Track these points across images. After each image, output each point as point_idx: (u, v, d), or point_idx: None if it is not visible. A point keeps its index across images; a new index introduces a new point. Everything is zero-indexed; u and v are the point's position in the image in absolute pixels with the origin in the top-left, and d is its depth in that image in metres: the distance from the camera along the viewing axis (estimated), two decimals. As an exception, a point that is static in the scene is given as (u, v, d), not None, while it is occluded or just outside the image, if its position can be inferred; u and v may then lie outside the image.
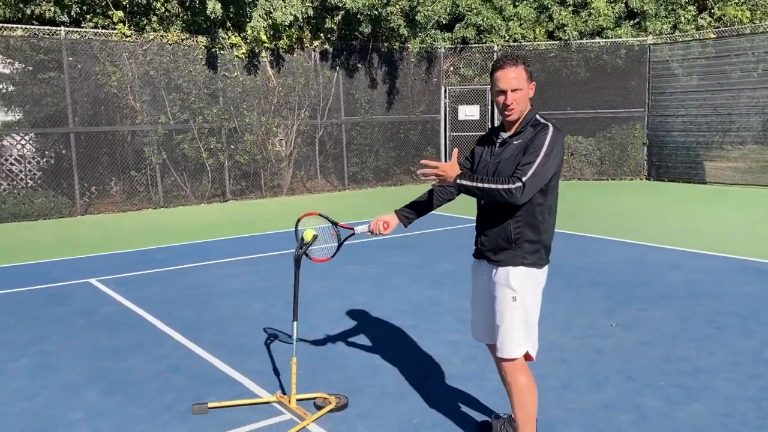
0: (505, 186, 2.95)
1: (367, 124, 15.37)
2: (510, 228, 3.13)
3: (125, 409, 3.99)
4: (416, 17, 14.08)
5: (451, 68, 16.59)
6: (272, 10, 12.92)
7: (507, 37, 16.14)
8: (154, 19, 12.50)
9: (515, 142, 3.11)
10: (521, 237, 3.12)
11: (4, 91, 12.00)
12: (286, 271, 7.44)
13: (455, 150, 3.18)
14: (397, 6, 13.94)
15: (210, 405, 3.96)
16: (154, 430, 3.73)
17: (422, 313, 5.84)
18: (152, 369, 4.62)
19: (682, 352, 4.76)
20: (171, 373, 4.56)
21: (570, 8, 16.08)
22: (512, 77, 3.05)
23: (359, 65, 14.97)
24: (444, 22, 16.02)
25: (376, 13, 13.74)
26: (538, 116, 3.14)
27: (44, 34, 11.63)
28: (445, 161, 16.47)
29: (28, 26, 11.63)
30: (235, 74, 13.31)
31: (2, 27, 11.45)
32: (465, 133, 16.53)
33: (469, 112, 16.57)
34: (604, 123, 16.10)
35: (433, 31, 15.91)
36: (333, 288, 6.68)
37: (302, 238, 3.84)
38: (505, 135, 3.20)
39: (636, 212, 11.20)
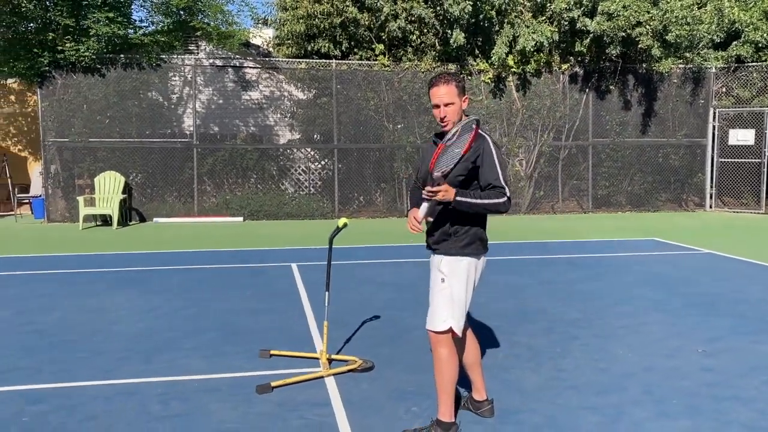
0: (498, 200, 3.48)
1: (618, 147, 15.10)
2: (448, 223, 3.64)
3: (220, 347, 5.27)
4: (667, 37, 13.50)
5: (723, 89, 15.38)
6: (516, 37, 13.64)
7: (793, 54, 14.48)
8: (410, 50, 14.13)
9: (448, 144, 3.57)
10: (456, 231, 3.61)
11: (297, 113, 14.69)
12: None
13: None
14: (648, 26, 13.55)
15: (272, 352, 5.04)
16: (225, 361, 4.93)
17: (516, 319, 6.18)
18: (265, 326, 5.87)
19: (741, 381, 4.47)
20: (274, 331, 5.75)
21: None
22: (443, 93, 3.56)
23: (611, 87, 14.83)
24: (718, 41, 14.99)
25: (624, 35, 13.56)
26: (474, 124, 3.52)
27: (320, 66, 14.01)
28: (711, 186, 15.35)
29: (309, 60, 14.14)
30: (480, 97, 14.30)
31: (292, 61, 14.15)
32: (736, 160, 15.18)
33: (742, 136, 15.16)
34: None
35: (704, 50, 15.00)
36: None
37: (337, 225, 4.71)
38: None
39: None
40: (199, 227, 12.96)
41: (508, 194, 3.50)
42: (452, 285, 3.61)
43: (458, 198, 3.45)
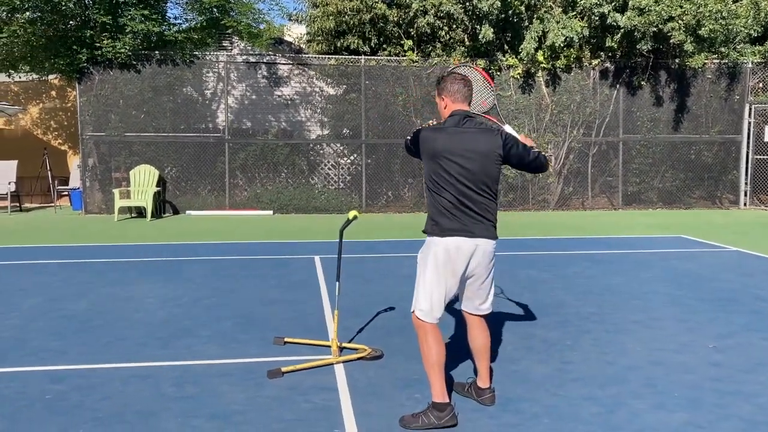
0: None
1: (649, 143, 14.95)
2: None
3: (236, 335, 5.45)
4: (701, 32, 13.31)
5: (760, 84, 15.09)
6: (546, 32, 13.59)
7: (832, 48, 14.14)
8: (438, 45, 14.19)
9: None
10: (428, 209, 3.86)
11: (326, 109, 14.87)
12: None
13: None
14: (681, 21, 13.37)
15: (286, 339, 5.20)
16: (240, 348, 5.11)
17: (533, 312, 6.24)
18: (281, 316, 6.04)
19: (746, 376, 4.48)
20: (290, 319, 5.91)
21: None
22: None
23: (642, 82, 14.67)
24: (755, 35, 14.71)
25: (656, 30, 13.41)
26: (446, 119, 3.88)
27: (349, 63, 14.17)
28: (745, 184, 15.07)
29: (338, 56, 14.31)
30: (509, 93, 14.29)
31: (322, 57, 14.34)
32: (772, 157, 14.90)
33: (778, 132, 14.86)
34: None
35: (741, 45, 14.74)
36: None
37: (347, 218, 4.84)
38: None
39: None
40: (230, 220, 13.25)
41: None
42: (420, 272, 3.84)
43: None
